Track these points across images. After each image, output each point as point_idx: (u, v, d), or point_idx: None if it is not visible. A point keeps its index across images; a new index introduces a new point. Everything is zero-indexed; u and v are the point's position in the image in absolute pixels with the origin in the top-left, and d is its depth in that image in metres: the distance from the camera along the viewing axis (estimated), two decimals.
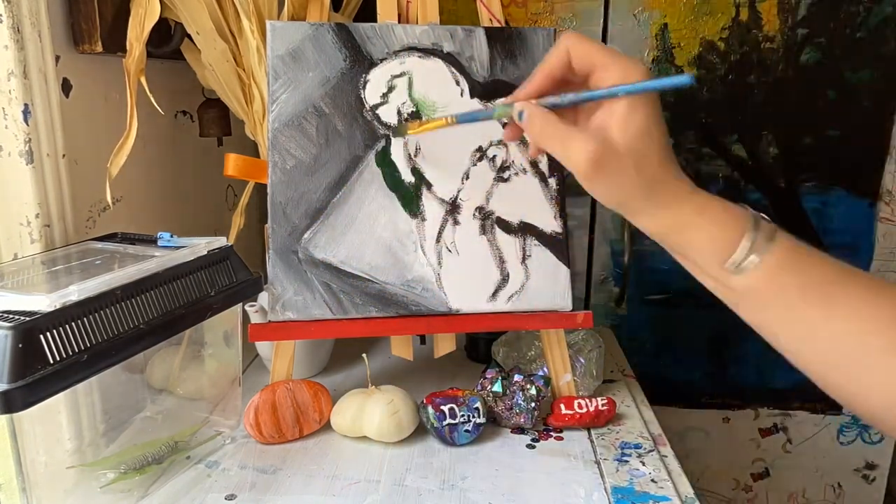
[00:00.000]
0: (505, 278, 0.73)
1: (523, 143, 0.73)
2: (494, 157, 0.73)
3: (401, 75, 0.72)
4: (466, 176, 0.73)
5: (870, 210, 1.27)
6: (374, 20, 0.73)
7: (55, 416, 0.60)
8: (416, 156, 0.72)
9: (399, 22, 0.73)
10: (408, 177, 0.72)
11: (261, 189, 0.77)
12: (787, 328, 0.49)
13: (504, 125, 0.62)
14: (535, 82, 0.52)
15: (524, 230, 0.74)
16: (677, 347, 1.37)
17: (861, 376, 0.47)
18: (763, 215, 0.49)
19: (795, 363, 0.51)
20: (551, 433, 0.72)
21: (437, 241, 0.72)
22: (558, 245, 0.74)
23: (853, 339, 0.46)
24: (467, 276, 0.72)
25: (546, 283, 0.73)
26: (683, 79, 0.45)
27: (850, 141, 1.25)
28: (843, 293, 0.47)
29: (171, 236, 0.66)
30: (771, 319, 0.50)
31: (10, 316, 0.46)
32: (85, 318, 0.50)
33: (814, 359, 0.49)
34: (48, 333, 0.47)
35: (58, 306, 0.48)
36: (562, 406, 0.73)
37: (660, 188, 0.49)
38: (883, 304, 0.46)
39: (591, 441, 0.71)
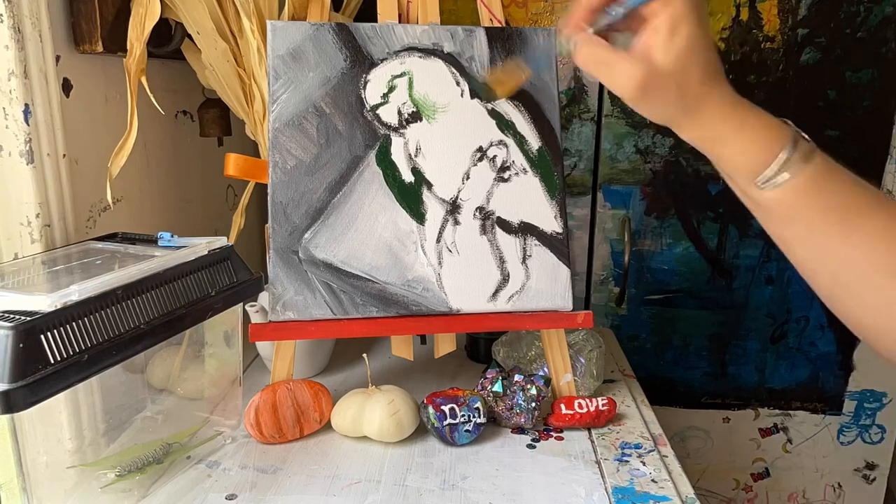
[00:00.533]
0: (505, 278, 0.73)
1: (523, 144, 0.73)
2: (495, 157, 0.73)
3: (401, 75, 0.72)
4: (467, 176, 0.73)
5: None
6: (375, 20, 0.73)
7: (56, 416, 0.60)
8: (416, 156, 0.72)
9: (399, 22, 0.73)
10: (408, 177, 0.72)
11: (261, 189, 0.77)
12: (805, 245, 0.50)
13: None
14: (579, 13, 0.52)
15: (524, 230, 0.74)
16: (677, 347, 1.37)
17: (865, 296, 0.49)
18: (804, 135, 0.50)
19: (806, 277, 0.52)
20: (552, 433, 0.72)
21: (438, 241, 0.72)
22: (558, 245, 0.74)
23: (864, 262, 0.48)
24: (468, 276, 0.72)
25: (546, 283, 0.73)
26: None
27: (850, 141, 1.25)
28: (863, 221, 0.48)
29: (172, 236, 0.66)
30: (790, 235, 0.51)
31: (11, 316, 0.46)
32: (85, 318, 0.50)
33: (824, 276, 0.51)
34: (49, 333, 0.47)
35: (58, 306, 0.48)
36: (562, 406, 0.73)
37: (701, 105, 0.50)
38: None
39: (592, 441, 0.71)
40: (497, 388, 0.72)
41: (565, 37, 0.52)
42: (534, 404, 0.71)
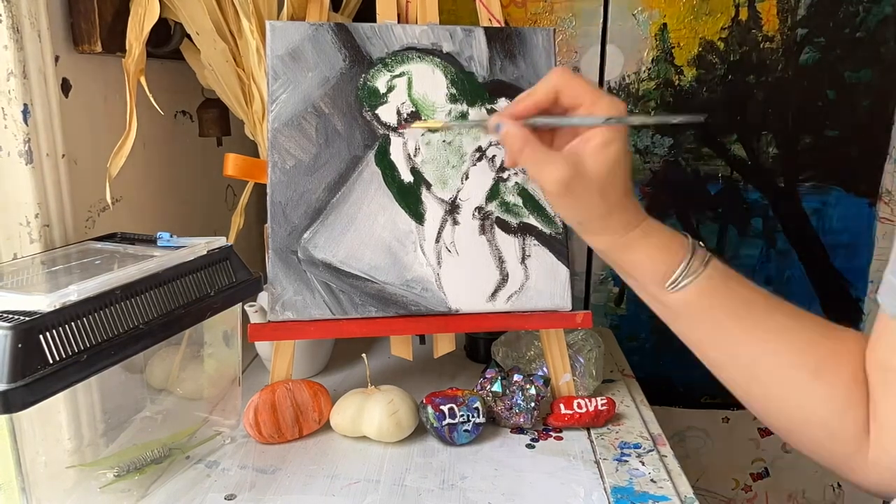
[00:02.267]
0: (504, 278, 0.73)
1: None
2: (494, 157, 0.73)
3: (400, 75, 0.72)
4: (466, 176, 0.73)
5: (869, 210, 1.27)
6: (374, 20, 0.73)
7: (55, 416, 0.60)
8: (415, 156, 0.72)
9: (398, 22, 0.73)
10: (407, 177, 0.72)
11: (260, 189, 0.77)
12: (715, 344, 0.56)
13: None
14: (521, 108, 0.55)
15: (523, 230, 0.74)
16: (677, 347, 1.36)
17: (775, 389, 0.53)
18: (700, 243, 0.56)
19: (721, 378, 0.57)
20: (551, 433, 0.72)
21: (437, 240, 0.72)
22: (558, 245, 0.74)
23: (770, 356, 0.52)
24: (467, 276, 0.72)
25: (545, 283, 0.74)
26: (679, 118, 0.54)
27: (849, 141, 1.25)
28: (766, 316, 0.53)
29: (171, 236, 0.66)
30: (700, 336, 0.57)
31: (10, 316, 0.46)
32: (84, 318, 0.50)
33: (737, 373, 0.55)
34: (48, 333, 0.47)
35: (57, 306, 0.48)
36: (561, 406, 0.73)
37: (616, 213, 0.55)
38: (800, 328, 0.52)
39: (591, 441, 0.71)
40: (496, 387, 0.72)
41: (498, 122, 0.55)
42: (533, 404, 0.71)
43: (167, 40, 0.79)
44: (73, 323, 0.49)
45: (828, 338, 0.52)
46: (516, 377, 0.73)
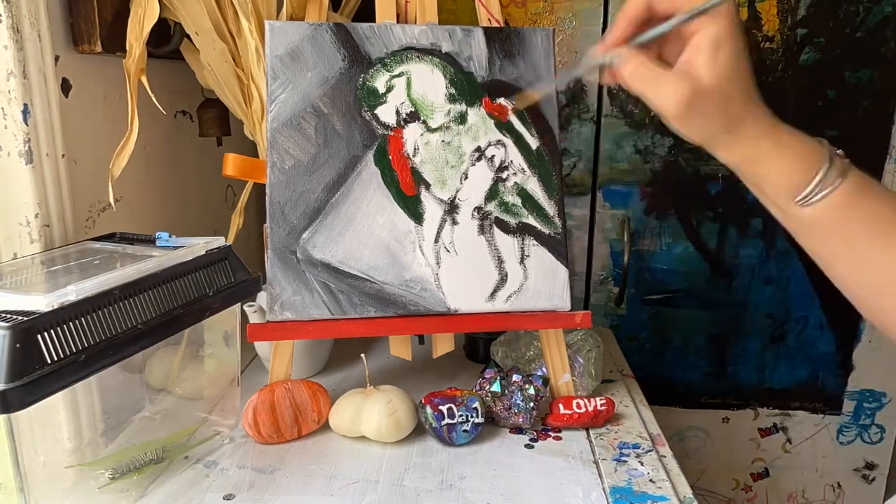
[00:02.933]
0: (503, 278, 0.73)
1: (521, 144, 0.73)
2: (493, 157, 0.73)
3: (399, 75, 0.72)
4: (465, 176, 0.73)
5: None
6: (373, 20, 0.73)
7: (54, 416, 0.60)
8: (414, 155, 0.72)
9: (397, 22, 0.73)
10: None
11: (260, 189, 0.77)
12: (846, 261, 0.51)
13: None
14: (621, 28, 0.52)
15: (523, 230, 0.74)
16: (677, 347, 1.37)
17: None
18: (839, 150, 0.50)
19: (848, 293, 0.53)
20: (550, 433, 0.72)
21: (436, 241, 0.72)
22: (557, 245, 0.74)
23: None
24: (466, 276, 0.72)
25: (545, 283, 0.73)
26: None
27: (849, 141, 1.24)
28: None
29: (170, 236, 0.66)
30: (830, 252, 0.52)
31: (9, 316, 0.47)
32: (83, 318, 0.50)
33: (864, 287, 0.51)
34: (46, 333, 0.47)
35: (56, 306, 0.48)
36: (560, 406, 0.73)
37: (741, 123, 0.50)
38: None
39: (590, 441, 0.71)
40: (495, 388, 0.72)
41: (606, 51, 0.51)
42: (532, 404, 0.71)
43: (167, 40, 0.79)
44: (71, 323, 0.49)
45: None
46: (515, 377, 0.73)
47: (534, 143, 0.74)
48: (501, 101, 0.73)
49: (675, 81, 0.49)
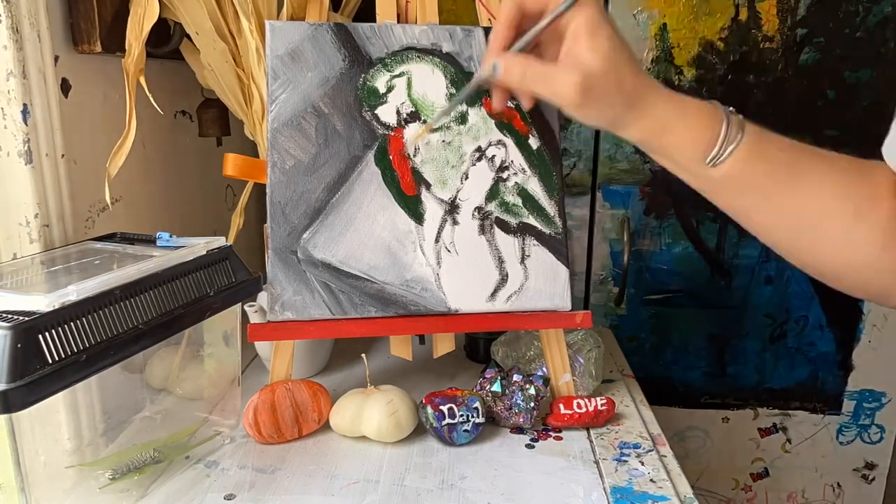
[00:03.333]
0: (504, 278, 0.73)
1: (522, 145, 0.73)
2: (493, 157, 0.73)
3: (400, 75, 0.72)
4: (465, 176, 0.73)
5: None
6: (373, 20, 0.73)
7: (54, 416, 0.60)
8: (415, 155, 0.72)
9: (398, 22, 0.73)
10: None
11: (260, 189, 0.77)
12: (760, 210, 0.53)
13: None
14: (500, 36, 0.53)
15: (523, 230, 0.74)
16: (677, 347, 1.37)
17: (823, 241, 0.52)
18: (731, 109, 0.53)
19: (766, 240, 0.55)
20: (550, 433, 0.72)
21: (437, 240, 0.72)
22: (557, 245, 0.74)
23: (815, 209, 0.51)
24: (466, 276, 0.72)
25: (545, 283, 0.73)
26: None
27: (849, 141, 1.24)
28: (808, 169, 0.52)
29: (170, 236, 0.66)
30: (745, 204, 0.54)
31: (9, 316, 0.46)
32: (83, 318, 0.50)
33: (782, 232, 0.54)
34: (47, 333, 0.47)
35: (56, 306, 0.48)
36: (561, 406, 0.73)
37: (642, 97, 0.52)
38: (838, 172, 0.52)
39: (591, 441, 0.71)
40: (496, 387, 0.72)
41: (490, 63, 0.53)
42: (532, 404, 0.71)
43: (167, 40, 0.79)
44: (72, 323, 0.49)
45: (863, 177, 0.52)
46: (516, 377, 0.73)
47: (534, 142, 0.74)
48: None
49: (565, 71, 0.50)
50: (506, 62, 0.53)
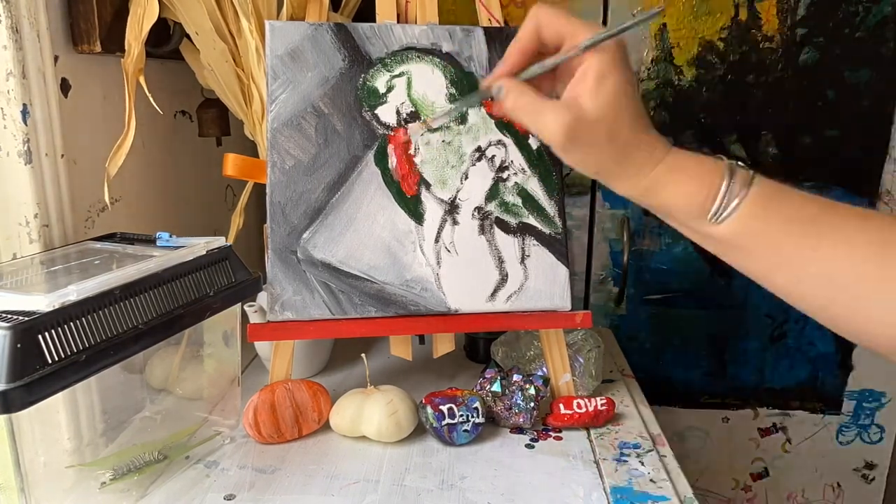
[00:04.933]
0: (504, 278, 0.73)
1: (521, 144, 0.73)
2: (493, 157, 0.73)
3: (400, 75, 0.72)
4: (465, 176, 0.73)
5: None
6: (373, 20, 0.73)
7: (54, 416, 0.60)
8: (415, 156, 0.72)
9: (398, 22, 0.73)
10: None
11: (260, 189, 0.77)
12: (778, 269, 0.49)
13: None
14: (510, 60, 0.52)
15: (523, 230, 0.74)
16: (677, 347, 1.37)
17: (860, 306, 0.47)
18: (739, 163, 0.50)
19: (797, 304, 0.50)
20: (550, 433, 0.72)
21: (436, 240, 0.72)
22: (557, 245, 0.74)
23: (846, 269, 0.46)
24: (466, 276, 0.72)
25: (545, 283, 0.73)
26: (651, 13, 0.50)
27: (849, 141, 1.25)
28: (829, 225, 0.47)
29: (170, 236, 0.66)
30: (760, 263, 0.50)
31: (9, 316, 0.46)
32: (83, 318, 0.50)
33: (809, 295, 0.49)
34: (47, 333, 0.47)
35: (56, 306, 0.48)
36: (561, 406, 0.73)
37: (632, 153, 0.50)
38: (870, 228, 0.46)
39: (590, 441, 0.71)
40: (496, 387, 0.72)
41: (491, 84, 0.52)
42: (532, 404, 0.71)
43: (167, 40, 0.79)
44: (72, 323, 0.49)
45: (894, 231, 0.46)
46: (516, 377, 0.73)
47: (534, 142, 0.74)
48: None
49: (556, 110, 0.49)
50: (505, 87, 0.51)
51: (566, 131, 0.48)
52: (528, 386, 0.72)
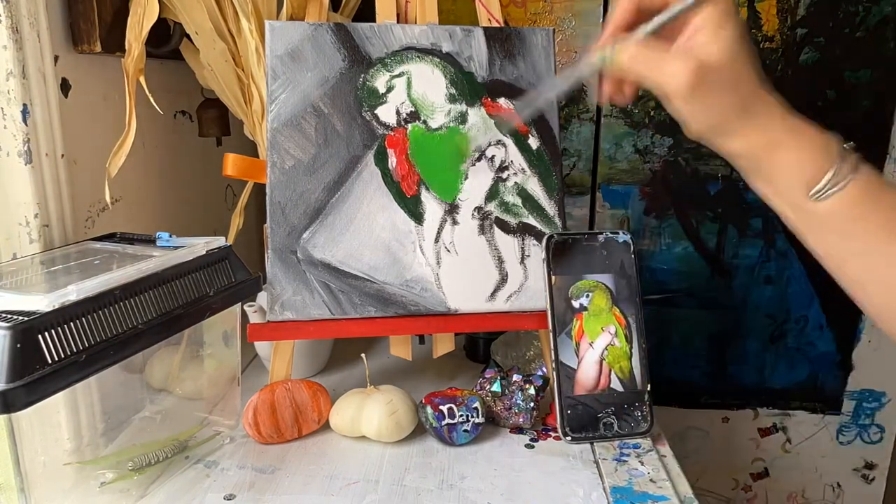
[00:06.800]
0: (504, 278, 0.73)
1: (521, 145, 0.73)
2: (493, 157, 0.73)
3: (399, 75, 0.72)
4: (465, 176, 0.73)
5: None
6: (373, 20, 0.73)
7: (54, 416, 0.60)
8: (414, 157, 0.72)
9: (398, 22, 0.73)
10: None
11: (260, 189, 0.77)
12: (857, 258, 0.48)
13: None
14: (616, 19, 0.50)
15: (523, 230, 0.74)
16: (676, 347, 1.37)
17: None
18: (847, 145, 0.48)
19: (854, 293, 0.50)
20: (550, 433, 0.72)
21: (436, 241, 0.72)
22: None
23: None
24: (466, 276, 0.72)
25: (545, 283, 0.73)
26: None
27: (849, 141, 1.24)
28: None
29: (170, 236, 0.66)
30: (842, 248, 0.48)
31: (9, 316, 0.46)
32: (83, 318, 0.50)
33: (878, 289, 0.48)
34: (47, 333, 0.47)
35: (56, 306, 0.48)
36: None
37: (754, 104, 0.48)
38: None
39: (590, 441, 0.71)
40: (495, 387, 0.72)
41: (604, 46, 0.50)
42: (532, 404, 0.71)
43: (167, 40, 0.79)
44: (72, 323, 0.49)
45: None
46: (515, 377, 0.73)
47: (534, 142, 0.74)
48: (501, 101, 0.73)
49: (680, 57, 0.46)
50: (619, 44, 0.48)
51: (692, 77, 0.45)
52: (527, 386, 0.72)
